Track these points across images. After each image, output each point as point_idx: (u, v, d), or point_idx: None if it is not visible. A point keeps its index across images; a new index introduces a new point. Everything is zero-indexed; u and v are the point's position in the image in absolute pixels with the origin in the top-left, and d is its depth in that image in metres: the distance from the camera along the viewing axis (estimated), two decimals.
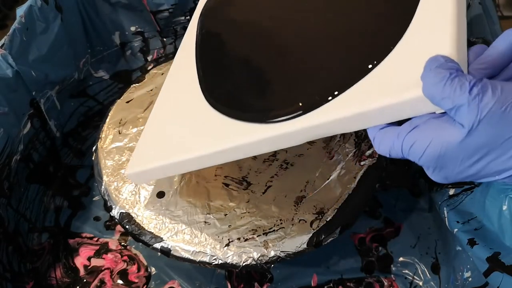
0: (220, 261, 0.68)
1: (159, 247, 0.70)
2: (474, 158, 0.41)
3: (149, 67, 1.00)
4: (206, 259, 0.69)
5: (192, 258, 0.69)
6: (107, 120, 0.88)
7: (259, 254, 0.68)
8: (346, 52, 0.52)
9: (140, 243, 0.72)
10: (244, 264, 0.68)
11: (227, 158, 0.56)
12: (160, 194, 0.76)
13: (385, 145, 0.46)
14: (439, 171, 0.44)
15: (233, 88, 0.60)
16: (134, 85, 0.94)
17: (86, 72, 1.03)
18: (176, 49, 1.06)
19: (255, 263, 0.68)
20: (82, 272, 0.86)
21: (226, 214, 0.72)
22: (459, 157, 0.41)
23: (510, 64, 0.43)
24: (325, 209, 0.71)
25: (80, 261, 0.87)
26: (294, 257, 0.68)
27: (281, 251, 0.68)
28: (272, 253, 0.68)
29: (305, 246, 0.68)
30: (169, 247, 0.70)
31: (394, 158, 0.47)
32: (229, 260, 0.68)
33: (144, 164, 0.62)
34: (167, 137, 0.61)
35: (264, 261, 0.68)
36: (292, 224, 0.70)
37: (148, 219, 0.73)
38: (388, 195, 0.92)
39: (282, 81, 0.56)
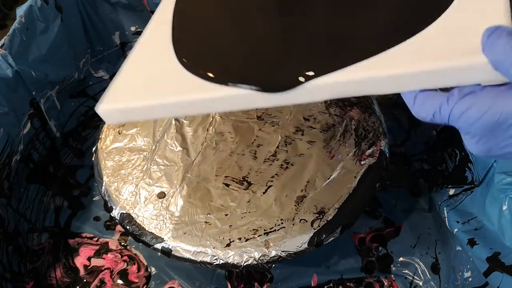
0: (221, 261, 0.68)
1: (160, 248, 0.70)
2: None
3: None
4: (207, 259, 0.68)
5: (193, 258, 0.69)
6: None
7: (260, 254, 0.68)
8: (387, 14, 0.51)
9: (140, 243, 0.72)
10: (245, 264, 0.68)
11: (197, 109, 0.56)
12: (161, 195, 0.76)
13: (429, 108, 0.44)
14: (486, 141, 0.42)
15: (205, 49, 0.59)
16: None
17: (86, 72, 1.03)
18: None
19: (256, 263, 0.68)
20: (82, 272, 0.86)
21: (227, 214, 0.72)
22: None
23: None
24: (325, 209, 0.71)
25: (80, 261, 0.87)
26: (295, 257, 0.68)
27: (282, 251, 0.68)
28: (273, 253, 0.68)
29: (306, 245, 0.68)
30: (170, 247, 0.70)
31: (394, 159, 0.48)
32: (230, 260, 0.68)
33: (117, 103, 0.59)
34: (140, 82, 0.60)
35: (265, 261, 0.68)
36: (293, 224, 0.70)
37: (148, 219, 0.73)
38: (388, 195, 0.92)
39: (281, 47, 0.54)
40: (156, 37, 0.66)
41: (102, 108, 0.59)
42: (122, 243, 0.89)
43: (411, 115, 0.47)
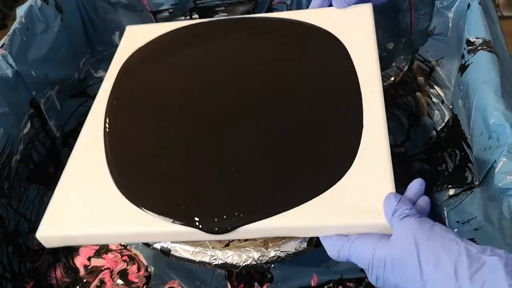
0: (220, 261, 0.68)
1: (159, 247, 0.70)
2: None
3: None
4: (206, 259, 0.68)
5: (192, 258, 0.69)
6: None
7: (259, 254, 0.68)
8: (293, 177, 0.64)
9: (140, 243, 0.72)
10: (244, 264, 0.68)
11: (140, 239, 0.67)
12: None
13: (334, 248, 0.57)
14: (372, 273, 0.53)
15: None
16: None
17: (86, 72, 1.03)
18: None
19: (255, 263, 0.68)
20: (82, 272, 0.86)
21: None
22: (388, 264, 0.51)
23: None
24: None
25: (80, 261, 0.87)
26: (295, 257, 0.68)
27: (281, 251, 0.68)
28: (272, 253, 0.68)
29: (305, 245, 0.68)
30: (169, 247, 0.70)
31: (394, 159, 0.49)
32: (229, 260, 0.68)
33: (56, 230, 0.64)
34: (79, 206, 0.65)
35: (264, 261, 0.68)
36: None
37: None
38: None
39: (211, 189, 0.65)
40: (91, 152, 0.71)
41: (41, 235, 0.64)
42: (122, 243, 0.89)
43: (411, 115, 0.49)
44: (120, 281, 0.84)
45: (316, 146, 0.66)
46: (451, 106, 0.80)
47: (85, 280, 0.85)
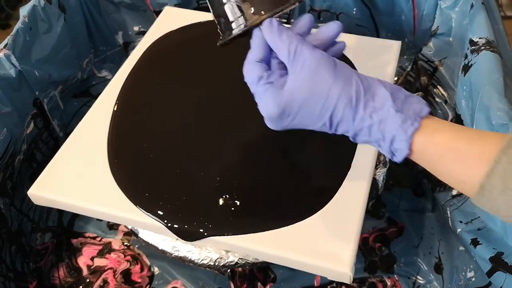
0: (180, 254, 0.69)
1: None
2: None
3: None
4: (168, 249, 0.69)
5: (155, 245, 0.70)
6: None
7: (217, 256, 0.68)
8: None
9: (143, 243, 0.72)
10: (201, 262, 0.68)
11: (119, 221, 0.75)
12: None
13: (252, 78, 0.54)
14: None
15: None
16: None
17: (89, 72, 1.03)
18: None
19: (212, 264, 0.68)
20: (85, 272, 0.86)
21: None
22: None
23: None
24: None
25: (83, 261, 0.87)
26: (253, 266, 0.69)
27: (240, 258, 0.68)
28: (231, 258, 0.68)
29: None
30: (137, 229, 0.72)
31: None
32: (188, 255, 0.69)
33: (46, 192, 0.69)
34: (72, 176, 0.70)
35: (222, 264, 0.68)
36: None
37: None
38: (391, 195, 0.92)
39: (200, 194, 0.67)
40: (95, 128, 0.75)
41: (32, 192, 0.69)
42: (125, 243, 0.89)
43: None
44: (123, 281, 0.84)
45: (297, 179, 0.68)
46: (454, 106, 0.80)
47: (88, 280, 0.85)
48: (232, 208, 0.65)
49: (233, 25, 0.55)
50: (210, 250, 0.68)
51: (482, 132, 0.49)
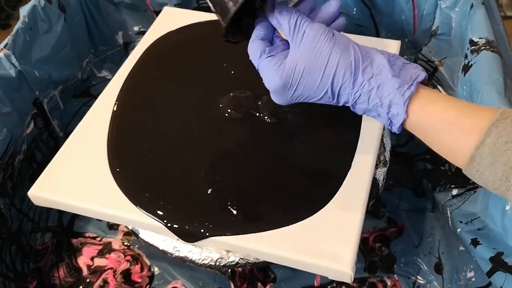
0: (181, 254, 0.68)
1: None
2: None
3: None
4: (169, 249, 0.69)
5: (156, 245, 0.70)
6: None
7: (218, 256, 0.67)
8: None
9: (144, 243, 0.72)
10: (202, 262, 0.68)
11: (119, 222, 0.76)
12: None
13: (255, 51, 0.57)
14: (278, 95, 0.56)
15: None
16: None
17: (89, 72, 1.03)
18: None
19: (213, 264, 0.68)
20: (85, 271, 0.86)
21: None
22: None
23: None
24: None
25: (83, 261, 0.87)
26: (254, 266, 0.69)
27: (240, 258, 0.68)
28: (232, 258, 0.67)
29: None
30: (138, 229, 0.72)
31: (398, 159, 0.50)
32: (189, 256, 0.68)
33: (46, 193, 0.69)
34: (72, 176, 0.69)
35: (222, 264, 0.68)
36: None
37: None
38: (391, 195, 0.92)
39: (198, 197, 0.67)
40: (95, 128, 0.75)
41: (32, 193, 0.69)
42: (125, 243, 0.89)
43: None
44: (123, 281, 0.84)
45: (298, 179, 0.68)
46: None
47: (88, 280, 0.85)
48: (233, 208, 0.65)
49: (230, 5, 0.55)
50: (211, 250, 0.68)
51: (474, 105, 0.50)
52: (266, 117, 0.73)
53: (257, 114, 0.74)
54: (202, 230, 0.63)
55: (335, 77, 0.52)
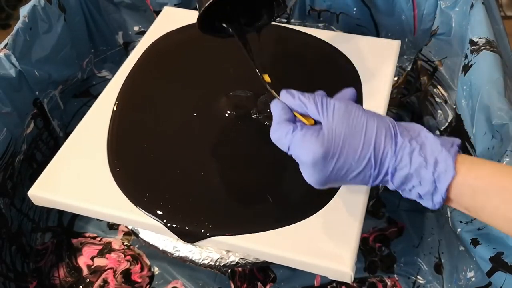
0: (181, 254, 0.69)
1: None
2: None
3: None
4: (168, 249, 0.69)
5: (156, 245, 0.70)
6: None
7: (218, 256, 0.69)
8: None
9: (144, 243, 0.72)
10: (202, 262, 0.69)
11: (119, 222, 0.77)
12: None
13: (280, 133, 0.53)
14: (313, 173, 0.52)
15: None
16: None
17: (90, 72, 1.03)
18: None
19: (213, 264, 0.68)
20: (85, 271, 0.86)
21: None
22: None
23: None
24: None
25: (83, 261, 0.87)
26: (253, 266, 0.69)
27: (240, 258, 0.68)
28: (232, 258, 0.69)
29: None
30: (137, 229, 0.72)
31: None
32: (189, 256, 0.69)
33: (46, 193, 0.69)
34: (72, 176, 0.70)
35: (222, 264, 0.69)
36: None
37: None
38: (391, 195, 0.92)
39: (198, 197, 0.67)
40: (95, 128, 0.75)
41: (32, 193, 0.69)
42: (125, 243, 0.89)
43: (414, 115, 0.49)
44: (123, 281, 0.84)
45: (298, 179, 0.67)
46: (454, 106, 0.80)
47: (88, 280, 0.85)
48: (233, 208, 0.65)
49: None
50: (211, 250, 0.68)
51: None
52: (265, 118, 0.73)
53: (257, 114, 0.74)
54: (202, 230, 0.63)
55: (376, 141, 0.49)
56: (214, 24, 0.64)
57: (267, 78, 0.61)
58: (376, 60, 0.81)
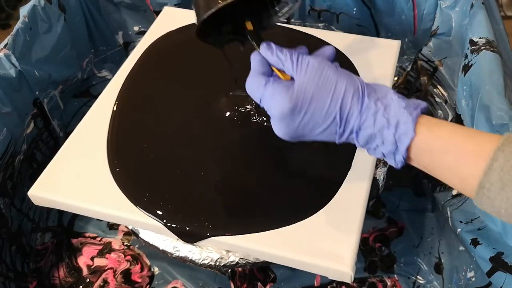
0: (181, 254, 0.69)
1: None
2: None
3: None
4: (168, 249, 0.69)
5: (156, 245, 0.70)
6: None
7: (218, 256, 0.68)
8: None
9: (144, 243, 0.72)
10: (202, 262, 0.68)
11: (119, 222, 0.77)
12: None
13: (254, 86, 0.55)
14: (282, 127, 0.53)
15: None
16: None
17: (90, 72, 1.03)
18: None
19: (213, 264, 0.68)
20: (85, 271, 0.86)
21: None
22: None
23: None
24: None
25: (83, 261, 0.87)
26: (254, 266, 0.69)
27: (240, 258, 0.68)
28: (232, 258, 0.68)
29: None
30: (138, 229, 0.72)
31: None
32: (189, 256, 0.68)
33: (46, 193, 0.69)
34: (72, 176, 0.70)
35: (222, 264, 0.68)
36: None
37: None
38: (391, 195, 0.92)
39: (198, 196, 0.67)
40: (95, 128, 0.75)
41: (32, 193, 0.69)
42: (125, 243, 0.89)
43: None
44: (123, 281, 0.84)
45: (298, 179, 0.68)
46: (454, 106, 0.80)
47: (88, 280, 0.85)
48: (233, 208, 0.65)
49: (201, 12, 0.56)
50: (211, 250, 0.68)
51: (478, 130, 0.50)
52: (264, 118, 0.73)
53: (257, 114, 0.74)
54: (202, 230, 0.63)
55: (343, 100, 0.51)
56: (213, 30, 0.64)
57: (249, 25, 0.60)
58: (376, 60, 0.81)
